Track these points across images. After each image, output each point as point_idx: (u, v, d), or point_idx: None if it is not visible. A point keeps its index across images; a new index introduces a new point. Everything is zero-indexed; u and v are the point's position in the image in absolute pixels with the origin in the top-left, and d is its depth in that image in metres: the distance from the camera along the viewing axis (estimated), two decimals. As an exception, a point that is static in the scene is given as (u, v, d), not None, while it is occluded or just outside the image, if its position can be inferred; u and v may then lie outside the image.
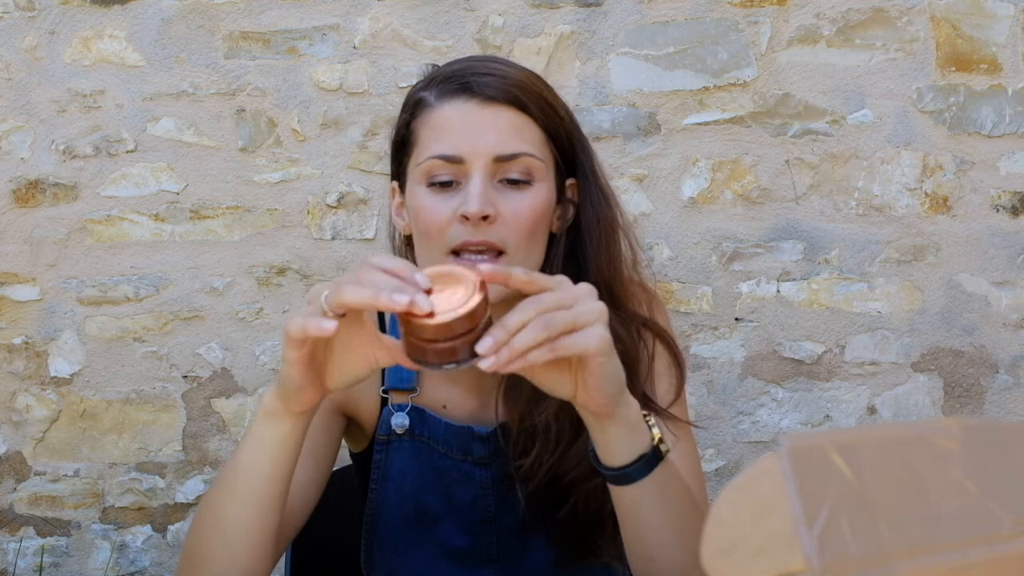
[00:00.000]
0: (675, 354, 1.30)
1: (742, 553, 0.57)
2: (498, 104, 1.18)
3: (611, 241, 1.26)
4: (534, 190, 1.19)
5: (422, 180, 1.20)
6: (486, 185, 1.17)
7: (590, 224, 1.25)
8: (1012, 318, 2.41)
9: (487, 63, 1.23)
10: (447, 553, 1.31)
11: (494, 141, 1.17)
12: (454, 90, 1.19)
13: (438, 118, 1.20)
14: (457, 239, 1.17)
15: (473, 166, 1.17)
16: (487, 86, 1.18)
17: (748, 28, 2.39)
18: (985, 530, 0.60)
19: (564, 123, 1.24)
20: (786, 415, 2.45)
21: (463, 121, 1.18)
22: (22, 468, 2.56)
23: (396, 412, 1.29)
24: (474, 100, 1.18)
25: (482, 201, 1.15)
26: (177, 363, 2.51)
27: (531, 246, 1.20)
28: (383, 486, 1.31)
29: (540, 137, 1.21)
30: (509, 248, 1.17)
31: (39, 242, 2.51)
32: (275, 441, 1.06)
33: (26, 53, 2.48)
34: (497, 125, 1.18)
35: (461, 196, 1.17)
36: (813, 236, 2.42)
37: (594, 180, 1.26)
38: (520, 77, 1.21)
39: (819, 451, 0.58)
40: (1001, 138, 2.38)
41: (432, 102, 1.21)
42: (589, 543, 1.27)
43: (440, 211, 1.18)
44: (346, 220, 2.47)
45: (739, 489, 0.58)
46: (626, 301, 1.27)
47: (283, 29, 2.45)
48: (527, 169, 1.19)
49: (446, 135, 1.19)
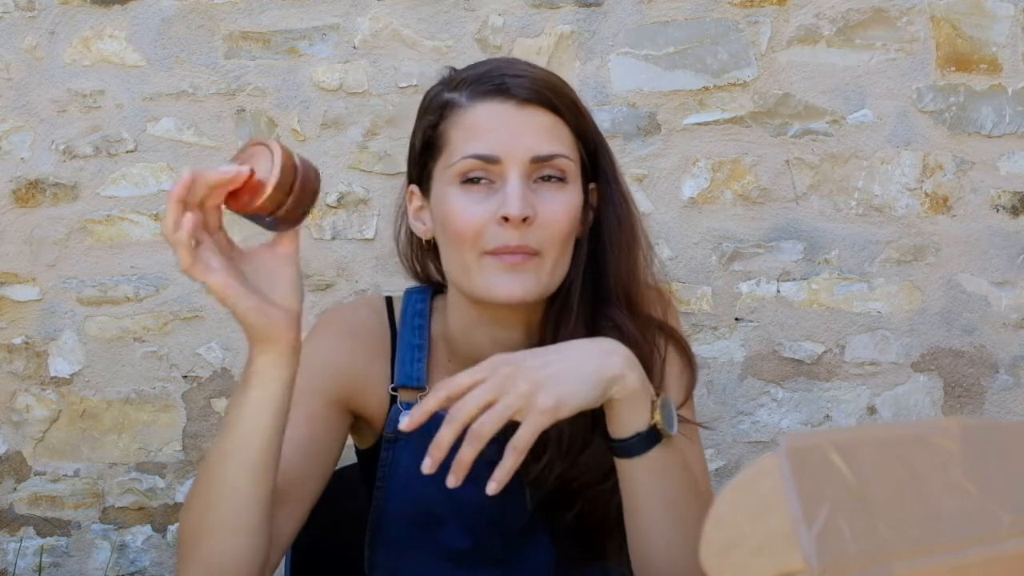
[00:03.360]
0: (688, 357, 1.31)
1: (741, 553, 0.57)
2: (533, 105, 1.19)
3: (631, 246, 1.27)
4: (569, 191, 1.20)
5: (454, 181, 1.20)
6: (524, 186, 1.17)
7: (611, 229, 1.26)
8: (1012, 318, 2.41)
9: (515, 65, 1.23)
10: (450, 554, 1.31)
11: (532, 142, 1.18)
12: (488, 91, 1.19)
13: (472, 119, 1.20)
14: (494, 242, 1.17)
15: (510, 167, 1.17)
16: (522, 87, 1.19)
17: (748, 28, 2.39)
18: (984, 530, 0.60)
19: (590, 126, 1.25)
20: (786, 415, 2.45)
21: (499, 121, 1.18)
22: (22, 468, 2.57)
23: (404, 411, 1.29)
24: (510, 101, 1.19)
25: (523, 203, 1.15)
26: (177, 363, 2.51)
27: (563, 249, 1.21)
28: (388, 485, 1.31)
29: (571, 139, 1.22)
30: (544, 250, 1.18)
31: (39, 242, 2.51)
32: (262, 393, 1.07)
33: (26, 53, 2.48)
34: (533, 126, 1.18)
35: (498, 198, 1.17)
36: (813, 236, 2.42)
37: (615, 185, 1.27)
38: (551, 79, 1.22)
39: (818, 451, 0.58)
40: (1001, 138, 2.38)
41: (464, 103, 1.21)
42: (595, 546, 1.27)
43: (475, 213, 1.18)
44: (346, 220, 2.47)
45: (738, 489, 0.58)
46: (642, 305, 1.28)
47: (283, 29, 2.45)
48: (561, 171, 1.20)
49: (481, 135, 1.18)
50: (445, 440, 1.04)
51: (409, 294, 1.36)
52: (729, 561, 0.57)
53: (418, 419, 1.04)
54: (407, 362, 1.31)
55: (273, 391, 1.07)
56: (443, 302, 1.34)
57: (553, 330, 1.24)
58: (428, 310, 1.34)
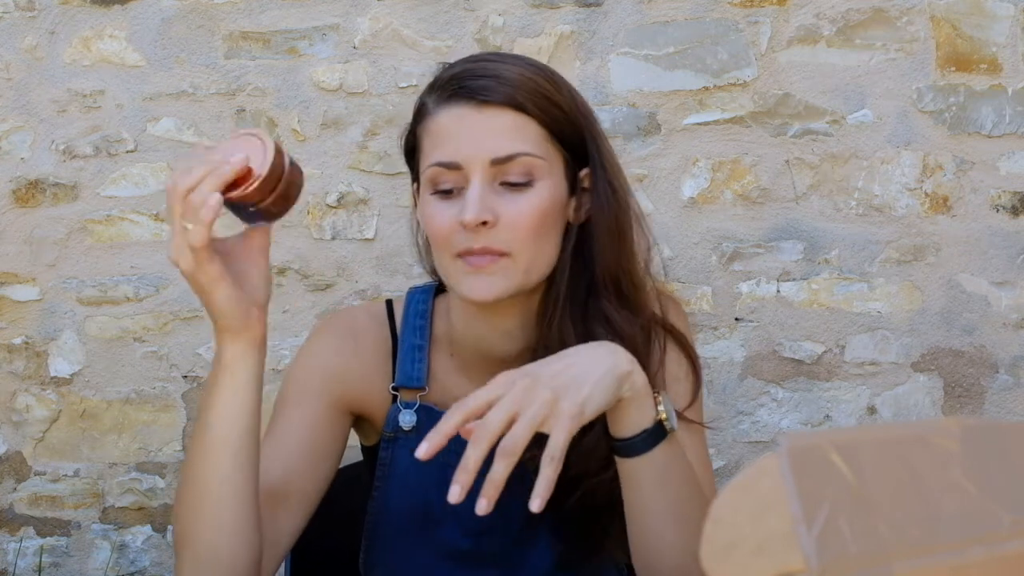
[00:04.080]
0: (692, 358, 1.31)
1: (741, 553, 0.57)
2: (494, 107, 1.18)
3: (620, 235, 1.26)
4: (535, 190, 1.19)
5: (427, 188, 1.21)
6: (484, 191, 1.17)
7: (597, 216, 1.25)
8: (1012, 318, 2.41)
9: (485, 64, 1.22)
10: (448, 554, 1.31)
11: (491, 144, 1.17)
12: (449, 96, 1.20)
13: (436, 125, 1.20)
14: (460, 245, 1.18)
15: (471, 171, 1.17)
16: (482, 89, 1.18)
17: (748, 28, 2.39)
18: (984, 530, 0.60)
19: (568, 117, 1.23)
20: (786, 415, 2.45)
21: (459, 127, 1.19)
22: (22, 468, 2.57)
23: (404, 410, 1.29)
24: (470, 105, 1.18)
25: (479, 208, 1.15)
26: (177, 363, 2.51)
27: (538, 246, 1.20)
28: (387, 484, 1.32)
29: (540, 134, 1.20)
30: (513, 250, 1.18)
31: (39, 242, 2.51)
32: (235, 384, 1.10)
33: (26, 53, 2.48)
34: (493, 128, 1.18)
35: (461, 203, 1.17)
36: (813, 236, 2.42)
37: (603, 173, 1.25)
38: (517, 76, 1.20)
39: (818, 451, 0.58)
40: (1001, 138, 2.38)
41: (431, 108, 1.21)
42: (597, 538, 1.27)
43: (443, 218, 1.19)
44: (346, 220, 2.47)
45: (738, 489, 0.58)
46: (636, 298, 1.27)
47: (283, 29, 2.45)
48: (527, 169, 1.19)
49: (444, 142, 1.19)
50: (473, 462, 1.01)
51: (412, 294, 1.37)
52: (729, 561, 0.57)
53: (436, 445, 1.03)
54: (407, 362, 1.31)
55: (245, 380, 1.09)
56: (445, 300, 1.35)
57: (546, 318, 1.24)
58: (430, 309, 1.34)
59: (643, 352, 1.25)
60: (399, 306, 1.36)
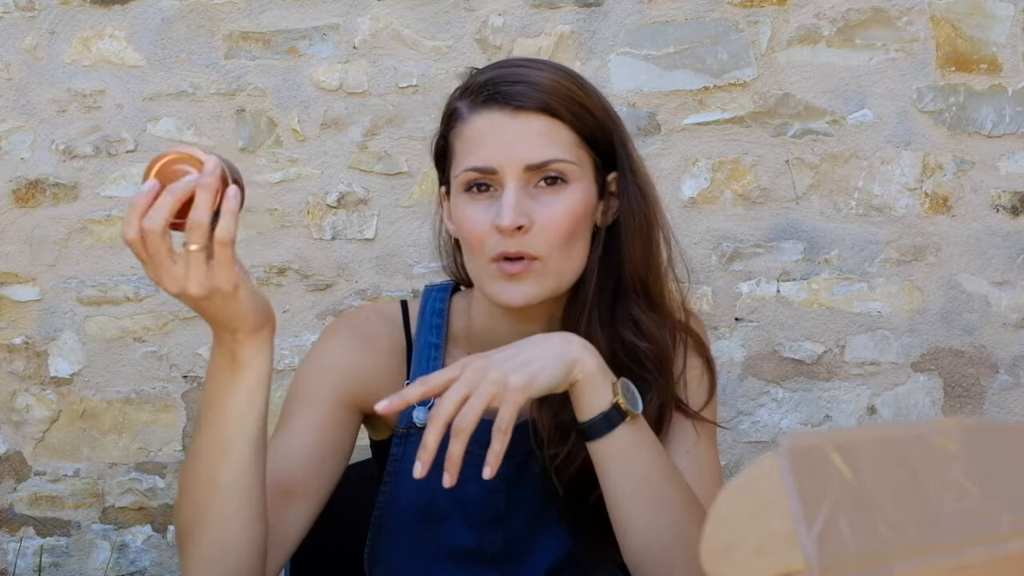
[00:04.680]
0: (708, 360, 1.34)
1: (741, 553, 0.57)
2: (528, 112, 1.21)
3: (647, 238, 1.29)
4: (568, 194, 1.22)
5: (461, 190, 1.23)
6: (519, 195, 1.20)
7: (626, 220, 1.27)
8: (1012, 318, 2.41)
9: (517, 70, 1.24)
10: (452, 552, 1.31)
11: (525, 151, 1.20)
12: (483, 101, 1.22)
13: (470, 130, 1.23)
14: (495, 249, 1.20)
15: (506, 176, 1.20)
16: (516, 95, 1.21)
17: (748, 28, 2.39)
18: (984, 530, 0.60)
19: (598, 122, 1.26)
20: (786, 415, 2.45)
21: (493, 132, 1.21)
22: (22, 468, 2.57)
23: (418, 406, 1.30)
24: (504, 111, 1.21)
25: (515, 213, 1.18)
26: (177, 363, 2.51)
27: (567, 250, 1.22)
28: (396, 480, 1.32)
29: (572, 140, 1.23)
30: (544, 255, 1.21)
31: (39, 242, 2.51)
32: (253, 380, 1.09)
33: (26, 53, 2.48)
34: (527, 134, 1.20)
35: (497, 207, 1.20)
36: (813, 236, 2.42)
37: (631, 177, 1.28)
38: (549, 82, 1.23)
39: (818, 451, 0.58)
40: (1001, 138, 2.38)
41: (464, 114, 1.24)
42: (609, 537, 1.28)
43: (480, 222, 1.21)
44: (346, 220, 2.47)
45: (738, 489, 0.58)
46: (663, 301, 1.30)
47: (283, 29, 2.45)
48: (560, 174, 1.22)
49: (478, 147, 1.21)
50: (431, 441, 1.08)
51: (428, 292, 1.38)
52: (729, 561, 0.57)
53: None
54: (423, 360, 1.32)
55: (260, 377, 1.09)
56: (464, 299, 1.36)
57: (572, 322, 1.27)
58: (447, 308, 1.35)
59: (671, 355, 1.29)
60: (415, 304, 1.38)
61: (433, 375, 1.12)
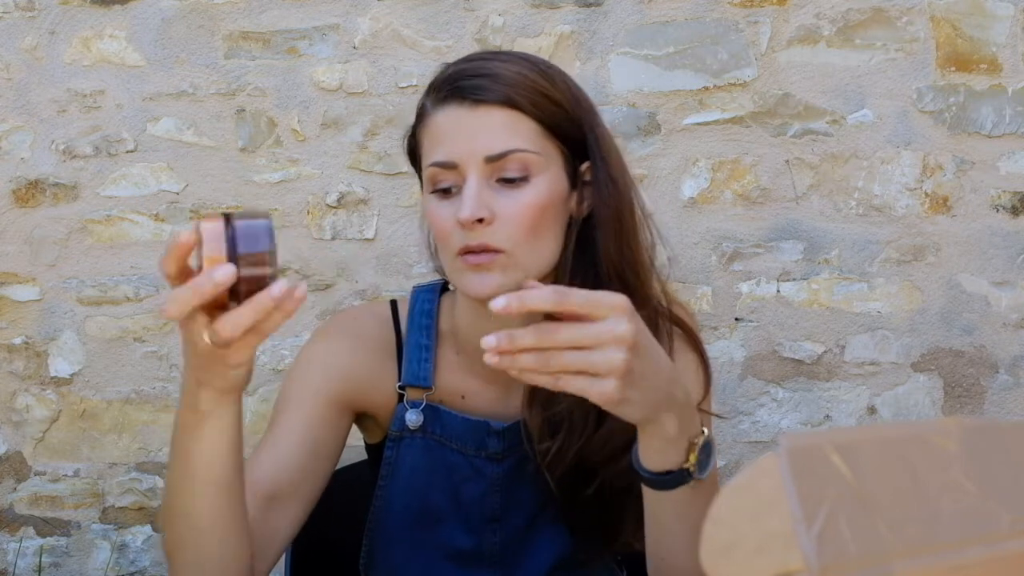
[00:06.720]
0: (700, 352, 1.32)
1: (741, 553, 0.57)
2: (488, 105, 1.19)
3: (621, 227, 1.25)
4: (532, 186, 1.19)
5: (428, 187, 1.22)
6: (480, 188, 1.17)
7: (598, 209, 1.24)
8: (1012, 318, 2.41)
9: (480, 63, 1.23)
10: (449, 554, 1.31)
11: (484, 142, 1.18)
12: (445, 96, 1.21)
13: (433, 126, 1.21)
14: (459, 243, 1.18)
15: (467, 170, 1.18)
16: (476, 89, 1.19)
17: (748, 28, 2.39)
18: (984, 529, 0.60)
19: (566, 112, 1.23)
20: (786, 415, 2.45)
21: (454, 127, 1.19)
22: (22, 468, 2.57)
23: (410, 409, 1.29)
24: (464, 104, 1.19)
25: (474, 206, 1.16)
26: (177, 363, 2.51)
27: (534, 242, 1.19)
28: (391, 483, 1.32)
29: (536, 131, 1.20)
30: (509, 247, 1.18)
31: (39, 242, 2.51)
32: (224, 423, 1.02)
33: (26, 53, 2.48)
34: (487, 126, 1.18)
35: (459, 201, 1.18)
36: (813, 236, 2.42)
37: (603, 166, 1.25)
38: (511, 74, 1.20)
39: (818, 451, 0.58)
40: (1001, 138, 2.38)
41: (429, 110, 1.23)
42: (614, 526, 1.27)
43: (444, 217, 1.20)
44: (346, 220, 2.47)
45: (738, 489, 0.58)
46: (641, 290, 1.27)
47: (283, 29, 2.45)
48: (522, 166, 1.19)
49: (440, 142, 1.20)
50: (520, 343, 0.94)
51: (417, 293, 1.37)
52: (729, 561, 0.57)
53: (516, 306, 0.94)
54: (414, 361, 1.32)
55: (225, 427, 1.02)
56: (450, 298, 1.35)
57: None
58: (436, 308, 1.35)
59: None
60: (404, 305, 1.36)
61: (574, 293, 0.97)
